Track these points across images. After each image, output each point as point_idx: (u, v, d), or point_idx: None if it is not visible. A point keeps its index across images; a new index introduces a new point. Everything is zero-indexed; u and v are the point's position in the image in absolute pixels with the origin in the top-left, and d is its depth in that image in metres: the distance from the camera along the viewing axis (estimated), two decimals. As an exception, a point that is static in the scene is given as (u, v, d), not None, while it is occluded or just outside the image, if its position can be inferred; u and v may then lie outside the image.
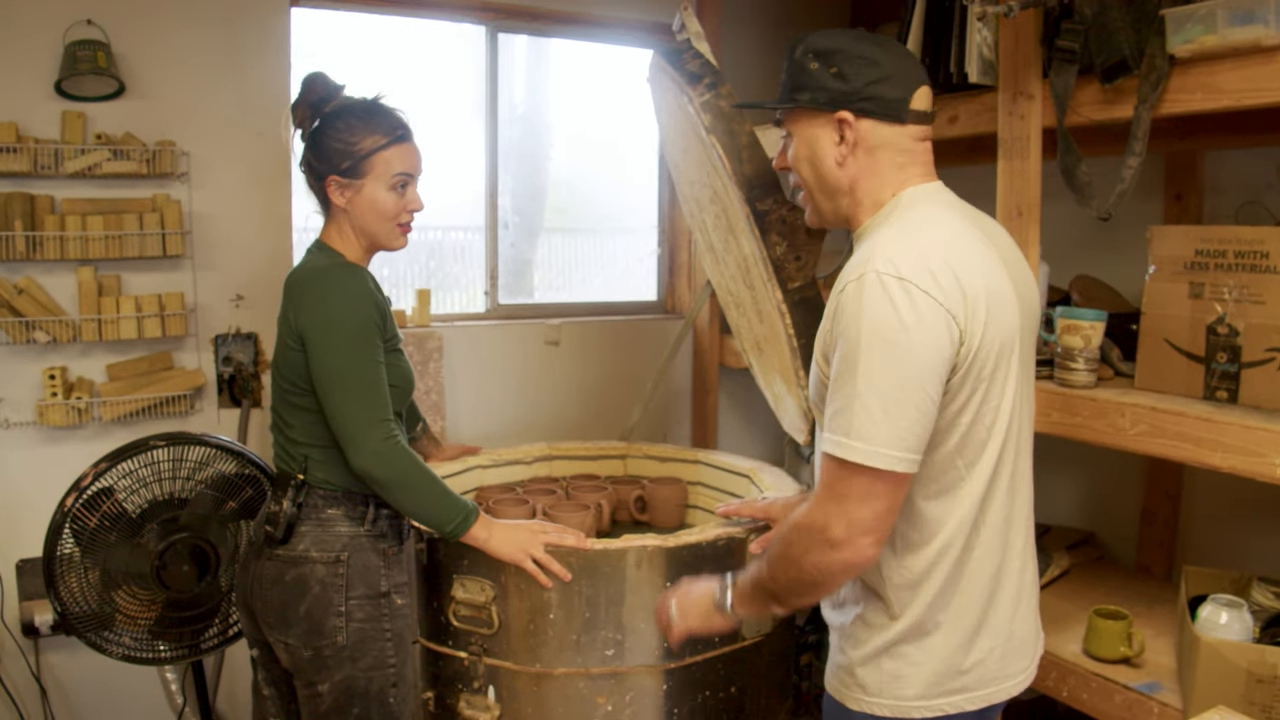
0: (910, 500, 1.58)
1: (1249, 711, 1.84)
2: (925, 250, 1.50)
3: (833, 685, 1.76)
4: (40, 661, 2.93)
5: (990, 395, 1.55)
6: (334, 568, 2.05)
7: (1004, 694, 1.69)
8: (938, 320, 1.46)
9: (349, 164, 2.06)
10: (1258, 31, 1.77)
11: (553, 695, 2.31)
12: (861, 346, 1.46)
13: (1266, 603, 2.22)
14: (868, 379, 1.45)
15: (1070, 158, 2.12)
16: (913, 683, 1.63)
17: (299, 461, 2.09)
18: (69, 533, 2.33)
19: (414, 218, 2.16)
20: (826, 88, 1.60)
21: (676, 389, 3.98)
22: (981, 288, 1.51)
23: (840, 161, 1.62)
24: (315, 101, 2.10)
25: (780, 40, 3.96)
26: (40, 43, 2.76)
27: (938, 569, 1.60)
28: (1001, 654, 1.67)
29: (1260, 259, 1.95)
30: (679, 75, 2.14)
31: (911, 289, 1.45)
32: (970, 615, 1.63)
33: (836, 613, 1.78)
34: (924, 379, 1.46)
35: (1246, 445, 1.83)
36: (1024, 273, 1.70)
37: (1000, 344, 1.54)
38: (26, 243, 2.72)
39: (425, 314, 3.42)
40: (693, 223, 2.84)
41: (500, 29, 3.58)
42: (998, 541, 1.63)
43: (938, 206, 1.62)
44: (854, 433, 1.46)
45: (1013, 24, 2.19)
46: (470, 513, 2.14)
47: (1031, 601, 1.76)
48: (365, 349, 2.02)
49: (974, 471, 1.58)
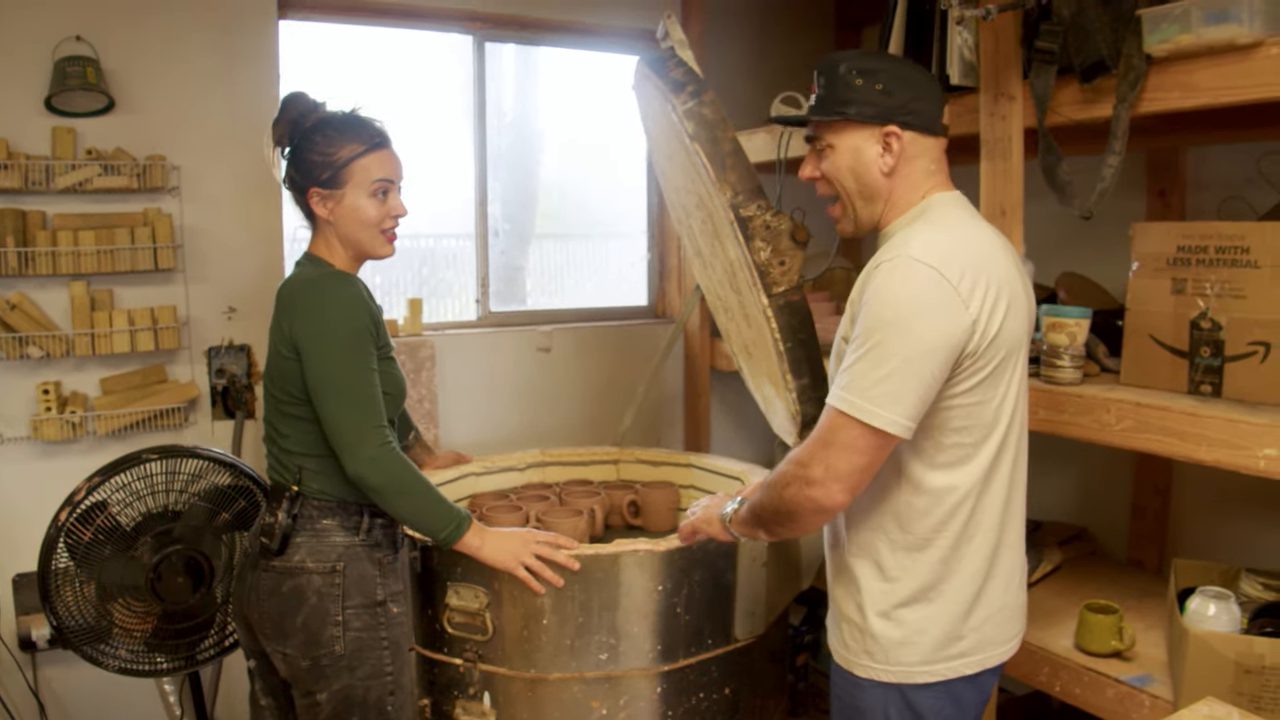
0: (917, 471, 1.72)
1: (1237, 701, 1.85)
2: (954, 246, 1.66)
3: (839, 654, 1.88)
4: (38, 676, 2.93)
5: (998, 384, 1.69)
6: (330, 578, 2.06)
7: (995, 659, 1.82)
8: (954, 308, 1.60)
9: (328, 174, 2.07)
10: (1232, 30, 1.78)
11: (548, 700, 2.33)
12: (883, 319, 1.61)
13: (1255, 594, 2.23)
14: (881, 348, 1.60)
15: (1051, 157, 2.14)
16: (917, 649, 1.76)
17: (293, 473, 2.10)
18: (63, 547, 2.34)
19: (398, 224, 2.17)
20: (874, 103, 1.74)
21: (668, 393, 3.99)
22: (1001, 287, 1.66)
23: (887, 171, 1.76)
24: (295, 118, 2.11)
25: (766, 46, 3.99)
26: (29, 59, 2.78)
27: (940, 538, 1.73)
28: (996, 622, 1.80)
29: (1241, 254, 1.97)
30: (663, 83, 2.16)
31: (937, 277, 1.60)
32: (970, 586, 1.76)
33: (840, 585, 1.88)
34: (930, 357, 1.59)
35: (1230, 438, 1.85)
36: (1028, 285, 1.83)
37: (1011, 340, 1.69)
38: (18, 258, 2.74)
39: (417, 323, 3.43)
40: (680, 228, 2.85)
41: (487, 38, 3.60)
42: (997, 520, 1.76)
43: (964, 212, 1.79)
44: (854, 389, 1.61)
45: (993, 26, 2.20)
46: (463, 520, 2.15)
47: (1022, 578, 1.90)
48: (359, 356, 2.03)
49: (980, 451, 1.72)
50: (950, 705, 1.78)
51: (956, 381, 1.65)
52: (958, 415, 1.68)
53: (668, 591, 2.32)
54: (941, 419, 1.68)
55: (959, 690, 1.78)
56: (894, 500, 1.75)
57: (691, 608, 2.35)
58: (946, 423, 1.68)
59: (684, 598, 2.34)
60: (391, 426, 2.16)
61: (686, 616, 2.35)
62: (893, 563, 1.76)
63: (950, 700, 1.78)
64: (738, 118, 3.10)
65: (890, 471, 1.74)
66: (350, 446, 2.00)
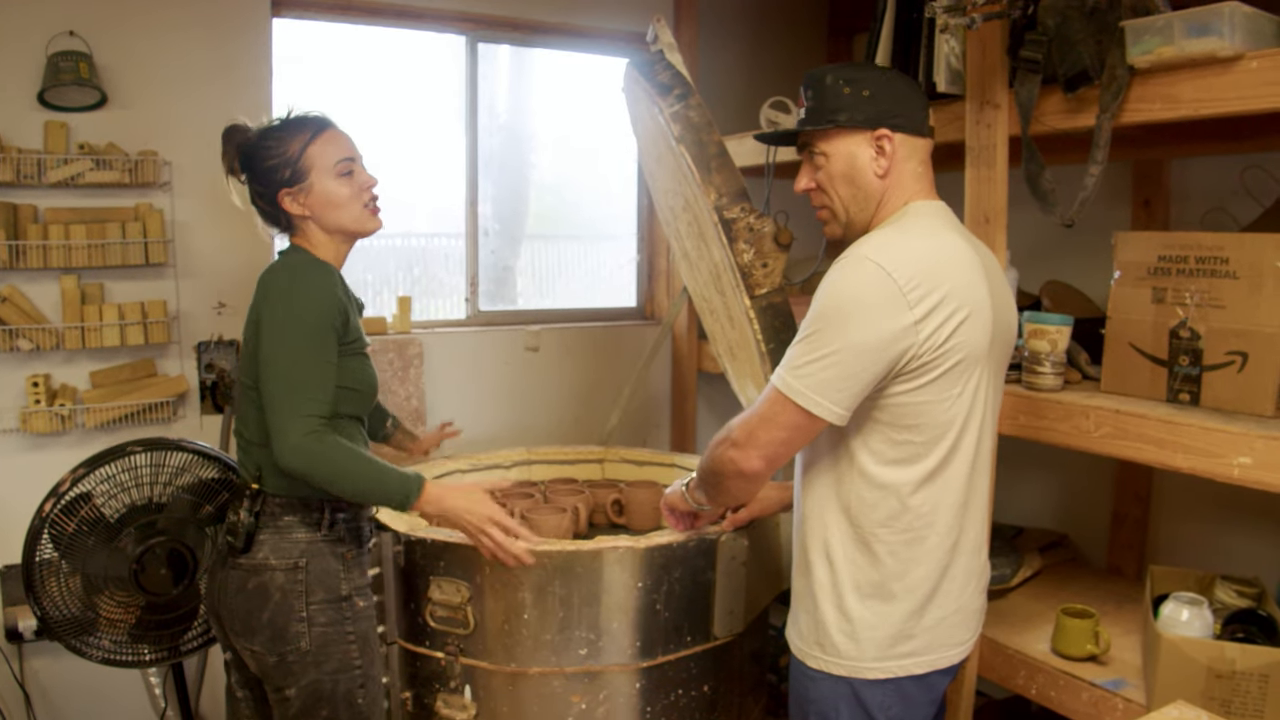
0: (868, 464, 1.76)
1: (1209, 706, 1.87)
2: (911, 250, 1.68)
3: (794, 644, 1.92)
4: (24, 667, 2.95)
5: (951, 387, 1.71)
6: (293, 574, 2.06)
7: (946, 661, 1.84)
8: (896, 307, 1.63)
9: (289, 171, 2.08)
10: (1213, 43, 1.80)
11: (528, 694, 2.35)
12: (825, 309, 1.67)
13: (1229, 600, 2.26)
14: (818, 336, 1.66)
15: (1034, 166, 2.15)
16: (867, 645, 1.79)
17: (253, 469, 2.09)
18: (48, 538, 2.35)
19: (376, 196, 2.17)
20: (863, 108, 1.78)
21: (656, 395, 4.01)
22: (955, 296, 1.67)
23: (882, 174, 1.80)
24: (239, 142, 2.14)
25: (759, 50, 4.01)
26: (22, 53, 2.79)
27: (888, 533, 1.77)
28: (949, 624, 1.83)
29: (1220, 264, 1.99)
30: (650, 86, 2.18)
31: (883, 275, 1.63)
32: (924, 585, 1.78)
33: (798, 575, 1.92)
34: (862, 350, 1.64)
35: (1206, 446, 1.87)
36: (1006, 298, 1.88)
37: (969, 347, 1.70)
38: (10, 251, 2.75)
39: (406, 320, 3.45)
40: (668, 230, 2.87)
41: (480, 39, 3.62)
42: (954, 521, 1.79)
43: (938, 221, 1.80)
44: (789, 367, 1.69)
45: (979, 35, 2.22)
46: (413, 480, 2.03)
47: (981, 583, 1.93)
48: (313, 344, 1.99)
49: (932, 451, 1.74)
50: (898, 704, 1.81)
51: (901, 380, 1.68)
52: (907, 413, 1.71)
53: (648, 588, 2.33)
54: (891, 415, 1.72)
55: (908, 689, 1.81)
56: (846, 492, 1.79)
57: (671, 605, 2.37)
58: (897, 419, 1.72)
59: (664, 595, 2.36)
60: (359, 422, 2.16)
61: (666, 613, 2.37)
62: (842, 555, 1.80)
63: (899, 698, 1.81)
64: (729, 122, 3.13)
65: (845, 464, 1.78)
66: (277, 433, 1.94)
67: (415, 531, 2.41)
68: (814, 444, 1.83)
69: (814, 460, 1.85)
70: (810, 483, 1.86)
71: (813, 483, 1.85)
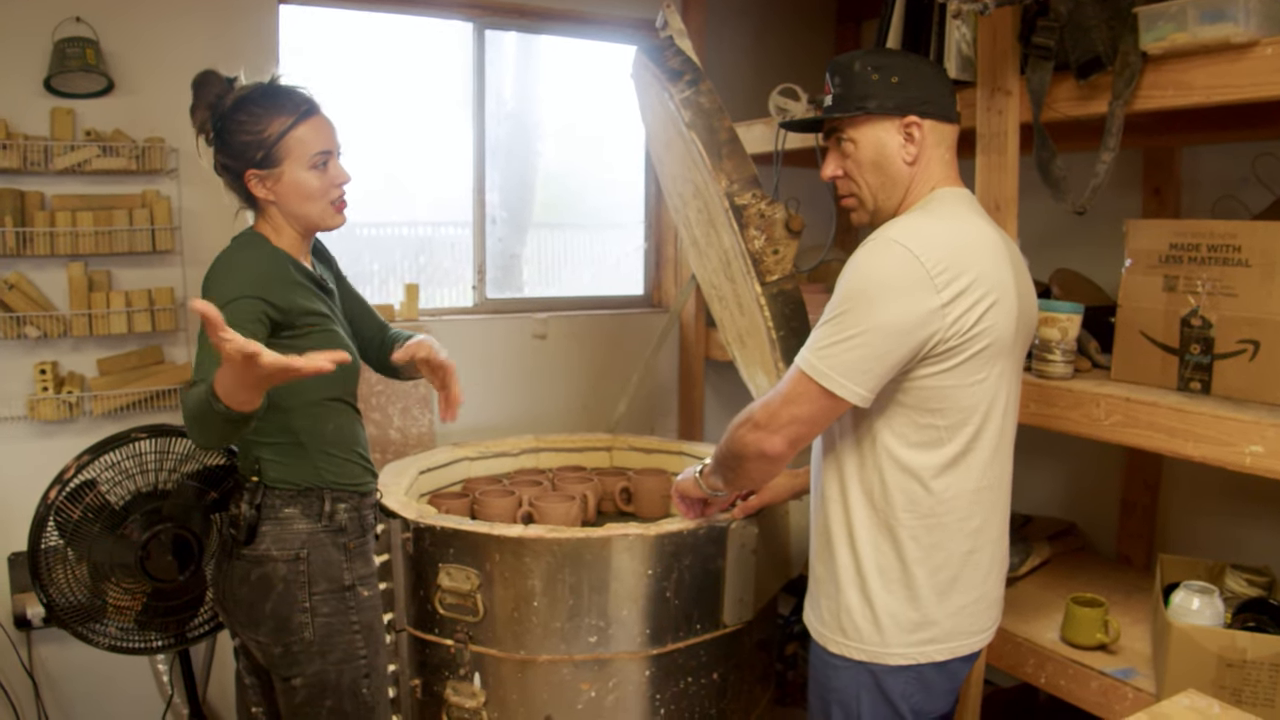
0: (891, 447, 1.76)
1: (1220, 695, 1.87)
2: (939, 234, 1.69)
3: (815, 629, 1.92)
4: (33, 654, 2.95)
5: (976, 372, 1.71)
6: (295, 565, 2.05)
7: (966, 649, 1.84)
8: (923, 290, 1.63)
9: (262, 153, 1.99)
10: (1227, 29, 1.79)
11: (537, 682, 2.35)
12: (852, 291, 1.67)
13: (1239, 589, 2.26)
14: (845, 317, 1.66)
15: (1046, 153, 2.15)
16: (890, 630, 1.79)
17: (251, 462, 2.07)
18: (53, 525, 2.35)
19: (345, 192, 2.08)
20: (892, 95, 1.77)
21: (663, 383, 4.01)
22: (982, 281, 1.68)
23: (910, 160, 1.80)
24: (212, 101, 2.02)
25: (766, 37, 4.00)
26: (29, 40, 2.78)
27: (910, 517, 1.77)
28: (971, 612, 1.82)
29: (1232, 252, 1.98)
30: (660, 72, 2.17)
31: (911, 258, 1.64)
32: (946, 571, 1.78)
33: (819, 560, 1.91)
34: (890, 333, 1.64)
35: (1217, 435, 1.87)
36: (1029, 286, 1.87)
37: (996, 334, 1.71)
38: (16, 239, 2.74)
39: (413, 308, 3.44)
40: (677, 217, 2.86)
41: (487, 26, 3.60)
42: (976, 507, 1.79)
43: (964, 207, 1.81)
44: (814, 349, 1.69)
45: (991, 21, 2.22)
46: (204, 382, 1.71)
47: (1003, 571, 1.93)
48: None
49: (955, 436, 1.74)
50: (919, 691, 1.81)
51: (927, 363, 1.68)
52: (932, 396, 1.71)
53: (657, 576, 2.33)
54: (916, 398, 1.72)
55: (929, 676, 1.81)
56: (869, 476, 1.78)
57: (681, 592, 2.37)
58: (921, 403, 1.72)
59: (673, 582, 2.35)
60: (349, 407, 2.14)
61: (676, 601, 2.37)
62: (865, 539, 1.80)
63: (920, 686, 1.81)
64: (738, 108, 3.12)
65: (867, 446, 1.78)
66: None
67: (424, 519, 2.41)
68: (835, 427, 1.83)
69: (835, 443, 1.85)
70: (830, 466, 1.86)
71: (833, 466, 1.85)
